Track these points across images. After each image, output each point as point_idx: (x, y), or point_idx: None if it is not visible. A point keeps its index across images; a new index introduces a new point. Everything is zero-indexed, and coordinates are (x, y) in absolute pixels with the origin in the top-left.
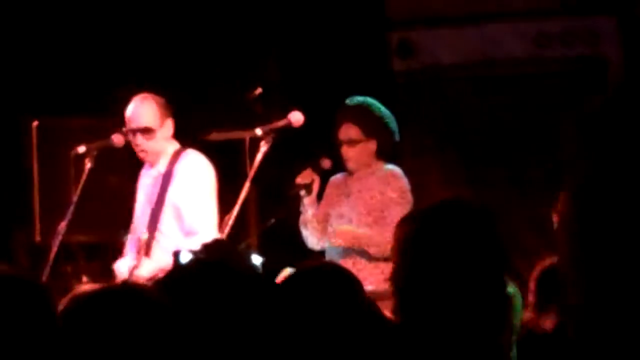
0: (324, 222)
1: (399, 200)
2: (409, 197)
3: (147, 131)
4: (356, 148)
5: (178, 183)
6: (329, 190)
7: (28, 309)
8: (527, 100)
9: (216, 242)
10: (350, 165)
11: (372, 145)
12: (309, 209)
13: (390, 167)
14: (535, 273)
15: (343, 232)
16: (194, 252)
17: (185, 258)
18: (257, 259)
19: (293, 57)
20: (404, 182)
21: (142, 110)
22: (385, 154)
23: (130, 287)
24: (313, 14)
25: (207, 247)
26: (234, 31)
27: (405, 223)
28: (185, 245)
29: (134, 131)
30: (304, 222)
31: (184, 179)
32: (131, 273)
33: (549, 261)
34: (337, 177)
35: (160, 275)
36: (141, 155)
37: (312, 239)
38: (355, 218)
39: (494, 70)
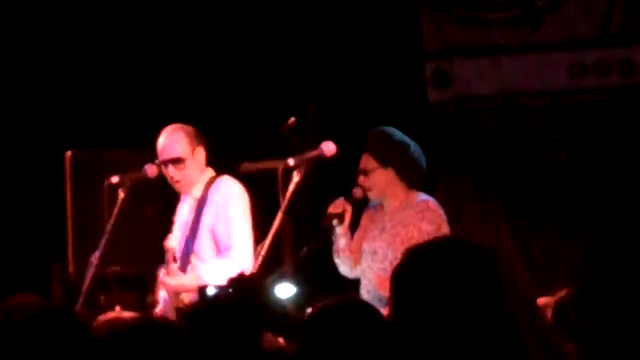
0: (357, 251)
1: (435, 235)
2: (445, 229)
3: (177, 161)
4: (372, 177)
5: (212, 207)
6: (364, 221)
7: (62, 340)
8: (563, 131)
9: (241, 277)
10: (371, 195)
11: (389, 174)
12: (341, 238)
13: (424, 197)
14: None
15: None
16: (219, 288)
17: (210, 292)
18: (290, 289)
19: (327, 87)
20: (439, 214)
21: (172, 140)
22: (411, 183)
23: (157, 322)
24: (348, 44)
25: (231, 282)
26: (268, 61)
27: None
28: (220, 267)
29: (166, 162)
30: (336, 251)
31: (218, 203)
32: (161, 280)
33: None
34: (372, 209)
35: (184, 293)
36: (176, 186)
37: (345, 267)
38: (392, 255)
39: (530, 101)
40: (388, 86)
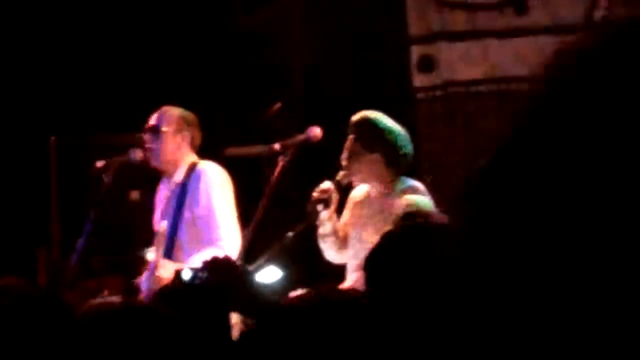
0: (343, 236)
1: None
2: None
3: (154, 130)
4: (358, 162)
5: (195, 192)
6: (350, 206)
7: (47, 324)
8: None
9: (216, 261)
10: (356, 180)
11: (376, 159)
12: (326, 223)
13: (411, 183)
14: None
15: None
16: (195, 271)
17: (186, 276)
18: (276, 273)
19: (313, 72)
20: (428, 199)
21: (161, 112)
22: (397, 168)
23: (140, 306)
24: (334, 29)
25: (207, 266)
26: (254, 45)
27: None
28: (208, 253)
29: (147, 128)
30: (321, 236)
31: (200, 188)
32: (153, 272)
33: None
34: (358, 194)
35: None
36: (149, 156)
37: (330, 252)
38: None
39: (515, 86)
40: (373, 71)
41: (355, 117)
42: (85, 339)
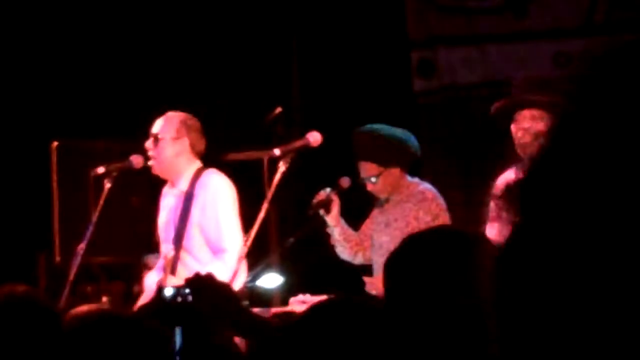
0: (361, 241)
1: (432, 224)
2: (444, 218)
3: (154, 138)
4: (380, 181)
5: (200, 202)
6: (374, 213)
7: (33, 331)
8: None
9: (198, 279)
10: (382, 196)
11: (395, 171)
12: (333, 230)
13: (423, 187)
14: None
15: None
16: (177, 288)
17: (168, 293)
18: (277, 279)
19: (314, 77)
20: (438, 203)
21: (161, 119)
22: (409, 169)
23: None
24: (333, 34)
25: (189, 284)
26: (254, 51)
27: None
28: (213, 263)
29: (149, 136)
30: (332, 242)
31: (206, 200)
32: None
33: None
34: (379, 201)
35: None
36: (150, 163)
37: (344, 255)
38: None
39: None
40: (373, 76)
41: (359, 138)
42: (67, 348)
